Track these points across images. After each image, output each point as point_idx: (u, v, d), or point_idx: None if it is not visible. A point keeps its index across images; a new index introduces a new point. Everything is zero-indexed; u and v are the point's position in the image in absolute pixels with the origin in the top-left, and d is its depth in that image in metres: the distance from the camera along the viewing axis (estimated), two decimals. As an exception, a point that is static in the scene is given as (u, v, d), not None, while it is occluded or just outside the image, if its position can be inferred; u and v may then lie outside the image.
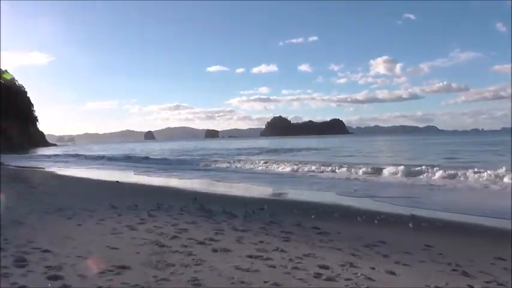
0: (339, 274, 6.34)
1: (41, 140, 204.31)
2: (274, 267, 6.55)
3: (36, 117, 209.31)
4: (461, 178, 23.51)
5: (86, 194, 18.47)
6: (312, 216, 12.68)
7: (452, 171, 25.01)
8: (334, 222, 11.94)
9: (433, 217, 12.81)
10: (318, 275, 6.23)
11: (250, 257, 7.08)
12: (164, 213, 12.51)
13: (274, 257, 7.13)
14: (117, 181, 26.76)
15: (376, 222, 11.99)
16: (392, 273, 6.61)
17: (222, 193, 20.33)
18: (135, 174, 34.55)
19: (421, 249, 8.74)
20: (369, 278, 6.24)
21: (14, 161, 58.36)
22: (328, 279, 6.08)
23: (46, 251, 7.08)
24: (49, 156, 75.24)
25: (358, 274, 6.36)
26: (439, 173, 24.92)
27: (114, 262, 6.40)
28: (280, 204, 15.08)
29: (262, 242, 8.43)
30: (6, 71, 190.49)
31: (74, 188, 22.21)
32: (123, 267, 6.19)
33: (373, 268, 6.79)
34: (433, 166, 28.21)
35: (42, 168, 45.23)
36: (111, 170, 40.53)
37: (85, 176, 32.51)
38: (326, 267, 6.64)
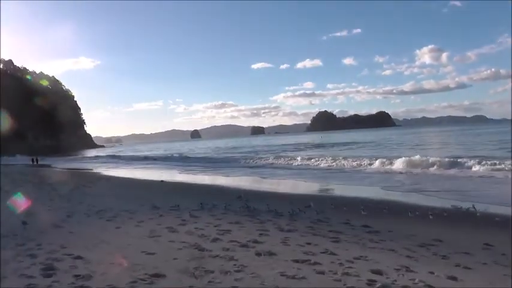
0: (395, 281, 5.64)
1: (89, 142, 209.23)
2: (323, 273, 5.91)
3: (84, 120, 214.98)
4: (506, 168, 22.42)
5: (129, 195, 18.32)
6: (363, 213, 12.05)
7: (496, 162, 23.98)
8: (384, 219, 11.29)
9: (489, 212, 11.99)
10: (371, 282, 5.56)
11: (297, 261, 6.47)
12: (207, 213, 12.10)
13: (323, 261, 6.50)
14: (162, 180, 26.68)
15: (429, 218, 11.25)
16: (454, 278, 5.89)
17: (267, 190, 19.85)
18: (180, 173, 34.52)
19: (481, 249, 8.00)
20: (429, 286, 5.54)
21: (62, 164, 59.64)
22: (383, 287, 5.47)
23: (78, 257, 6.68)
24: (96, 158, 76.52)
25: (416, 280, 5.66)
26: (485, 165, 23.87)
27: (148, 270, 5.92)
28: (327, 201, 14.47)
29: (309, 243, 7.83)
30: (53, 77, 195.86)
31: (118, 188, 22.14)
32: (157, 276, 5.71)
33: (432, 272, 6.09)
34: (480, 157, 27.16)
35: (89, 169, 45.85)
36: (156, 169, 40.70)
37: (131, 177, 32.68)
38: (380, 273, 5.95)
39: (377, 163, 29.84)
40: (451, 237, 8.95)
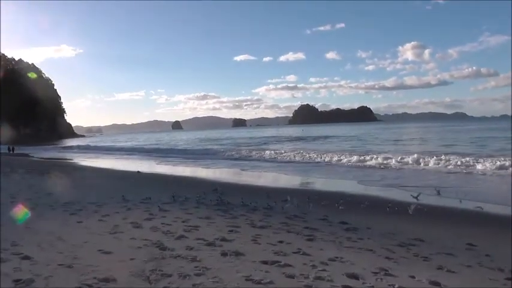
0: (372, 286, 5.12)
1: (68, 132, 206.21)
2: (293, 277, 5.31)
3: (64, 109, 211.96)
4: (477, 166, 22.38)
5: (101, 186, 17.63)
6: (340, 208, 11.53)
7: (469, 159, 23.87)
8: (363, 215, 10.79)
9: (467, 208, 11.63)
10: (346, 288, 5.02)
11: (266, 262, 5.86)
12: (178, 206, 11.49)
13: (295, 263, 5.91)
14: (138, 171, 25.95)
15: (409, 214, 10.75)
16: (437, 284, 5.34)
17: (244, 183, 19.34)
18: (158, 164, 33.86)
19: (465, 249, 7.55)
20: (410, 293, 4.99)
21: (39, 153, 58.41)
22: (359, 294, 4.89)
23: (26, 257, 5.96)
24: (74, 148, 75.13)
25: (396, 286, 5.10)
26: (456, 161, 23.77)
27: (99, 272, 5.25)
28: (305, 195, 13.90)
29: (282, 242, 7.26)
30: (33, 64, 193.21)
31: (92, 180, 21.31)
32: (107, 280, 5.02)
33: (413, 277, 5.52)
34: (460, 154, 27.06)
35: (65, 159, 44.91)
36: (134, 160, 39.95)
37: (107, 167, 31.95)
38: (356, 277, 5.36)
39: (355, 158, 29.33)
40: (431, 236, 8.47)
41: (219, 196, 13.02)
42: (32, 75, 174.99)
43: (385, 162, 26.36)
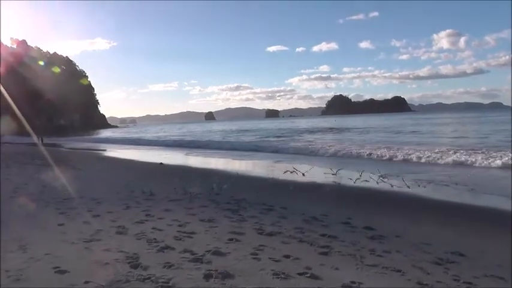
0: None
1: (102, 123, 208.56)
2: None
3: (97, 100, 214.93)
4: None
5: (115, 179, 16.58)
6: (367, 208, 10.11)
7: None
8: (393, 219, 9.36)
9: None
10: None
11: (260, 290, 4.56)
12: (184, 204, 10.22)
13: (297, 290, 4.57)
14: (161, 163, 24.98)
15: (448, 218, 9.27)
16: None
17: (266, 177, 17.91)
18: (185, 155, 32.81)
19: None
20: None
21: (68, 143, 58.19)
22: None
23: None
24: (102, 139, 74.96)
25: None
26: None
27: None
28: (332, 192, 12.52)
29: (288, 257, 5.82)
30: (67, 57, 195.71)
31: (108, 171, 20.31)
32: None
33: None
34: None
35: (91, 149, 44.33)
36: (162, 151, 38.93)
37: (130, 158, 31.00)
38: None
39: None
40: (475, 248, 6.98)
41: (231, 193, 11.76)
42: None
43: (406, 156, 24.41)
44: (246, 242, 6.66)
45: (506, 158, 19.78)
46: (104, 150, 43.65)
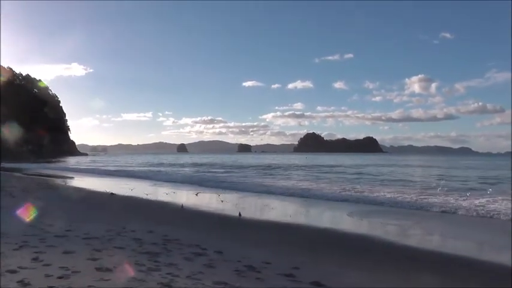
0: None
1: (71, 149, 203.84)
2: None
3: (68, 126, 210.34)
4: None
5: (50, 209, 14.85)
6: (321, 254, 8.46)
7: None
8: (354, 267, 7.75)
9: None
10: None
11: None
12: (97, 245, 8.48)
13: None
14: (112, 193, 23.16)
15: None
16: None
17: (215, 211, 16.23)
18: (149, 186, 30.86)
19: None
20: None
21: (34, 169, 55.62)
22: None
23: None
24: (65, 166, 72.27)
25: None
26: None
27: None
28: (284, 232, 10.89)
29: None
30: (40, 80, 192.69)
31: (51, 200, 18.43)
32: None
33: None
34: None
35: (49, 176, 42.00)
36: (120, 181, 36.82)
37: (83, 186, 28.99)
38: None
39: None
40: None
41: (165, 231, 10.02)
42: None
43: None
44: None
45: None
46: (61, 177, 41.32)
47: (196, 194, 24.37)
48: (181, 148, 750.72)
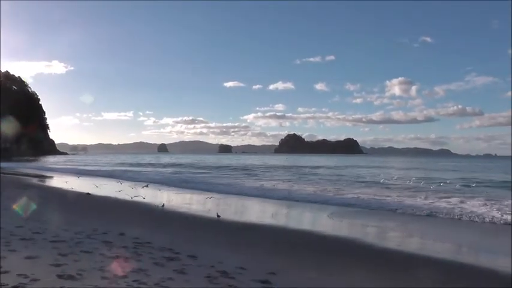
0: None
1: (50, 148, 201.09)
2: None
3: (47, 125, 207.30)
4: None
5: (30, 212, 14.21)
6: (298, 258, 8.13)
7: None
8: (326, 271, 7.42)
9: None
10: None
11: None
12: (62, 249, 8.04)
13: None
14: (88, 193, 22.81)
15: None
16: None
17: (194, 213, 15.82)
18: (122, 185, 30.19)
19: None
20: None
21: (10, 168, 54.51)
22: None
23: None
24: (43, 165, 71.07)
25: None
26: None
27: None
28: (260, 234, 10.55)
29: None
30: (19, 77, 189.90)
31: (33, 201, 17.75)
32: None
33: None
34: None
35: (26, 175, 41.13)
36: (96, 180, 36.07)
37: (60, 186, 28.32)
38: None
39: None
40: None
41: (137, 233, 9.62)
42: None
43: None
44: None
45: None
46: (36, 176, 40.45)
47: (175, 195, 23.95)
48: (162, 148, 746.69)
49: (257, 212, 18.60)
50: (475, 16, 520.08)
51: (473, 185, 31.74)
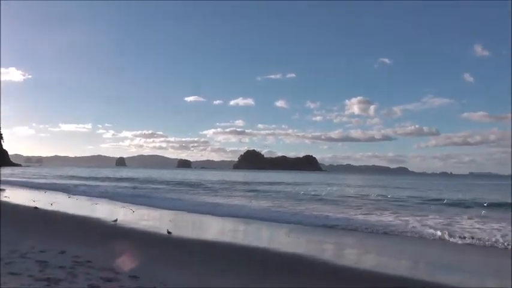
0: None
1: (4, 159, 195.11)
2: None
3: (1, 134, 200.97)
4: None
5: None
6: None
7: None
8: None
9: None
10: None
11: None
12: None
13: None
14: (35, 207, 22.02)
15: None
16: None
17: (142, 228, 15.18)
18: (72, 199, 29.24)
19: None
20: None
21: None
22: None
23: None
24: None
25: None
26: None
27: None
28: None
29: None
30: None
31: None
32: None
33: None
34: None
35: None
36: (51, 194, 34.82)
37: (7, 200, 27.07)
38: None
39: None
40: None
41: (80, 251, 8.94)
42: None
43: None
44: None
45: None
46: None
47: (128, 211, 23.06)
48: (120, 162, 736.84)
49: (212, 228, 18.07)
50: (433, 39, 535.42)
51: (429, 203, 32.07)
